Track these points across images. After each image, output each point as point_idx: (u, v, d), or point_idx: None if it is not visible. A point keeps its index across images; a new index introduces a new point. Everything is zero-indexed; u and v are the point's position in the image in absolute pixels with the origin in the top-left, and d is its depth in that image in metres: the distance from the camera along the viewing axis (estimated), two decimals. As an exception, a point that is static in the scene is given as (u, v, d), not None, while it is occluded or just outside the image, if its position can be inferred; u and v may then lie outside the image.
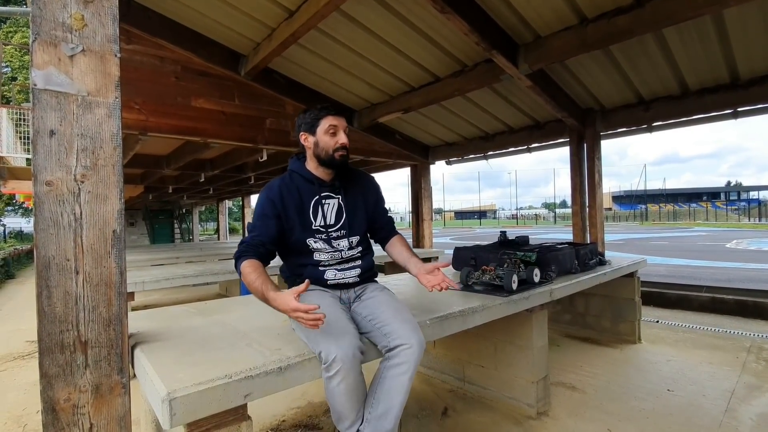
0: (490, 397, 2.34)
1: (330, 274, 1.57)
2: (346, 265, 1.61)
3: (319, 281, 1.57)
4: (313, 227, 1.55)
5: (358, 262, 1.63)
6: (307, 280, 1.28)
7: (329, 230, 1.57)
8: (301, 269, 1.58)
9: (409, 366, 1.34)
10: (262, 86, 4.00)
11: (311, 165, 1.60)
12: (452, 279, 2.65)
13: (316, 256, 1.57)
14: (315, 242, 1.55)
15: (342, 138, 1.53)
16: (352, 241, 1.61)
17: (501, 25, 2.92)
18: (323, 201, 1.58)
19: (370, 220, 1.70)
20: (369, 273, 1.67)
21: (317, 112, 1.54)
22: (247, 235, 1.54)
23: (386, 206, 1.80)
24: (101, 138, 1.08)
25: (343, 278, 1.59)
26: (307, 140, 1.56)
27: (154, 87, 3.60)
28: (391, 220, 1.78)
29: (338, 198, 1.60)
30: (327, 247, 1.57)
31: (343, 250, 1.59)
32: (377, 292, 1.59)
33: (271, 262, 1.52)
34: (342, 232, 1.59)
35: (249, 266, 1.39)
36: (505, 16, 2.83)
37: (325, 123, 1.52)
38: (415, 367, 1.36)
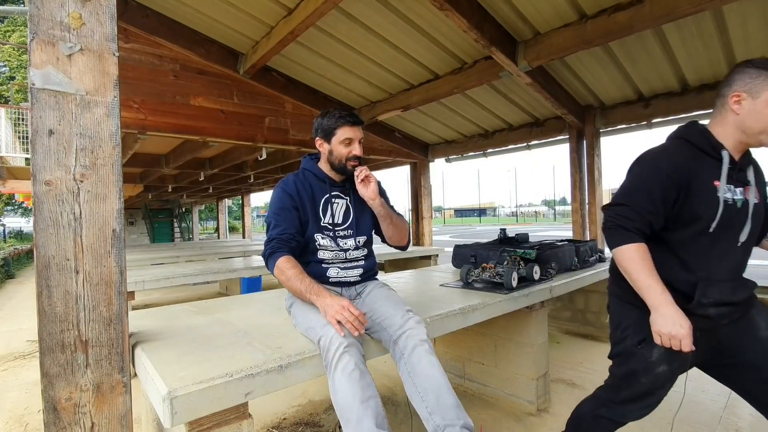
0: (490, 394, 2.35)
1: (333, 272, 1.59)
2: (349, 265, 1.62)
3: (322, 278, 1.58)
4: (322, 224, 1.58)
5: (361, 263, 1.65)
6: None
7: (336, 228, 1.59)
8: (304, 266, 1.58)
9: (423, 345, 1.32)
10: (260, 84, 4.00)
11: (324, 166, 1.64)
12: (452, 276, 2.66)
13: (320, 255, 1.58)
14: (323, 239, 1.57)
15: (356, 149, 1.57)
16: (358, 241, 1.64)
17: (500, 21, 2.91)
18: (333, 200, 1.61)
19: (377, 222, 1.72)
20: (371, 273, 1.69)
21: (335, 120, 1.55)
22: (268, 231, 1.53)
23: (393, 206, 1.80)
24: (100, 137, 1.08)
25: (345, 277, 1.61)
26: (322, 146, 1.60)
27: (152, 86, 3.59)
28: None
29: (347, 199, 1.64)
30: (333, 245, 1.58)
31: (348, 249, 1.61)
32: (377, 289, 1.61)
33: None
34: (349, 231, 1.62)
35: (286, 262, 1.42)
36: (504, 12, 2.82)
37: (341, 134, 1.54)
38: (428, 341, 1.34)
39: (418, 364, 1.30)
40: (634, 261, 1.20)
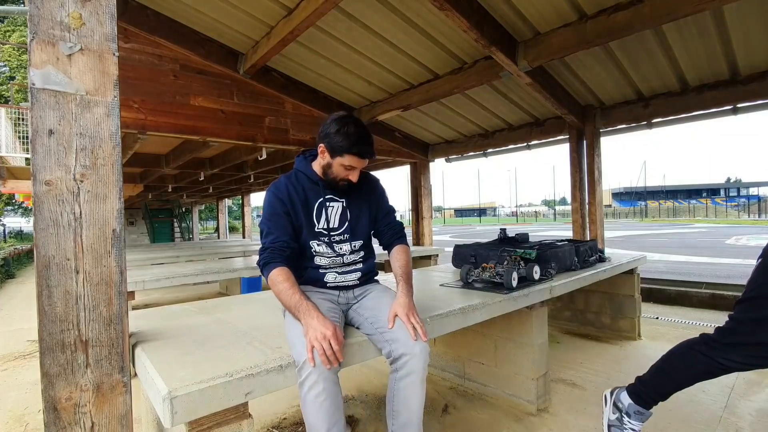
0: (490, 394, 2.35)
1: (330, 277, 1.56)
2: (347, 269, 1.59)
3: (319, 282, 1.56)
4: (316, 229, 1.52)
5: (359, 266, 1.62)
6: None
7: (331, 233, 1.54)
8: (301, 271, 1.56)
9: (418, 374, 1.33)
10: (260, 84, 4.00)
11: (320, 169, 1.55)
12: (452, 276, 2.66)
13: (317, 260, 1.55)
14: (318, 245, 1.53)
15: (353, 177, 1.49)
16: (354, 246, 1.58)
17: (500, 21, 2.91)
18: (327, 204, 1.55)
19: (374, 224, 1.68)
20: (370, 275, 1.66)
21: (348, 145, 1.42)
22: (262, 238, 1.49)
23: (391, 208, 1.74)
24: (100, 137, 1.08)
25: (343, 281, 1.57)
26: (323, 154, 1.49)
27: (152, 86, 3.59)
28: (396, 225, 1.70)
29: (342, 201, 1.57)
30: (329, 251, 1.54)
31: (344, 254, 1.57)
32: (379, 293, 1.57)
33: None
34: (345, 236, 1.56)
35: (279, 274, 1.39)
36: (504, 12, 2.82)
37: (347, 160, 1.44)
38: (425, 371, 1.35)
39: (404, 390, 1.34)
40: None
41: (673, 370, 1.55)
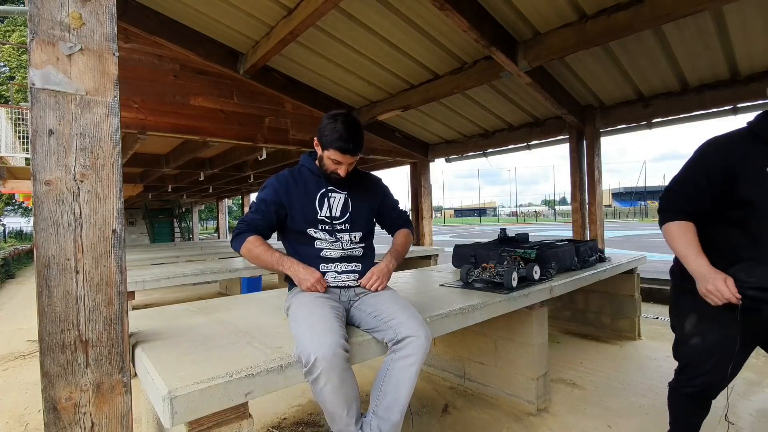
0: (490, 393, 2.35)
1: (330, 277, 1.59)
2: (348, 266, 1.61)
3: None
4: (318, 217, 1.59)
5: (360, 263, 1.64)
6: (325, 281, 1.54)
7: (334, 222, 1.60)
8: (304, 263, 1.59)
9: (417, 358, 1.34)
10: (260, 84, 4.00)
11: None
12: (452, 276, 2.66)
13: (317, 244, 1.60)
14: (315, 232, 1.59)
15: (341, 171, 1.56)
16: (353, 236, 1.63)
17: (500, 21, 2.91)
18: (330, 194, 1.62)
19: (379, 218, 1.79)
20: None
21: (332, 139, 1.50)
22: (248, 211, 1.61)
23: (396, 202, 1.85)
24: (100, 137, 1.08)
25: (342, 281, 1.60)
26: (317, 147, 1.61)
27: (152, 86, 3.59)
28: (402, 214, 1.84)
29: (344, 194, 1.65)
30: (329, 237, 1.60)
31: (345, 242, 1.62)
32: (381, 290, 1.60)
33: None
34: (345, 225, 1.62)
35: (255, 240, 1.54)
36: (504, 12, 2.82)
37: (333, 154, 1.52)
38: (423, 360, 1.36)
39: (399, 370, 1.35)
40: (672, 235, 1.35)
41: (672, 410, 1.61)
